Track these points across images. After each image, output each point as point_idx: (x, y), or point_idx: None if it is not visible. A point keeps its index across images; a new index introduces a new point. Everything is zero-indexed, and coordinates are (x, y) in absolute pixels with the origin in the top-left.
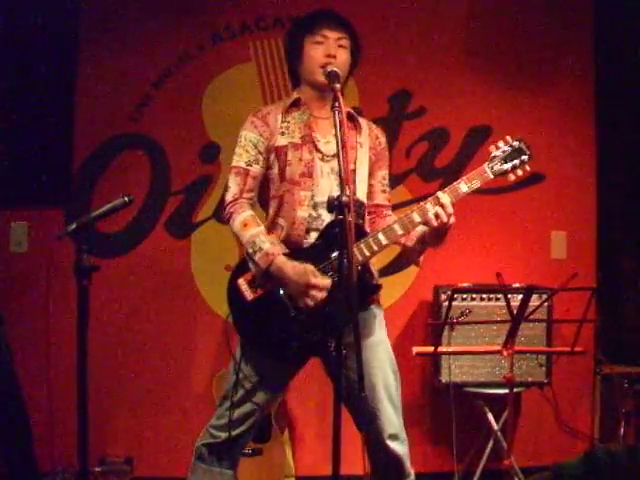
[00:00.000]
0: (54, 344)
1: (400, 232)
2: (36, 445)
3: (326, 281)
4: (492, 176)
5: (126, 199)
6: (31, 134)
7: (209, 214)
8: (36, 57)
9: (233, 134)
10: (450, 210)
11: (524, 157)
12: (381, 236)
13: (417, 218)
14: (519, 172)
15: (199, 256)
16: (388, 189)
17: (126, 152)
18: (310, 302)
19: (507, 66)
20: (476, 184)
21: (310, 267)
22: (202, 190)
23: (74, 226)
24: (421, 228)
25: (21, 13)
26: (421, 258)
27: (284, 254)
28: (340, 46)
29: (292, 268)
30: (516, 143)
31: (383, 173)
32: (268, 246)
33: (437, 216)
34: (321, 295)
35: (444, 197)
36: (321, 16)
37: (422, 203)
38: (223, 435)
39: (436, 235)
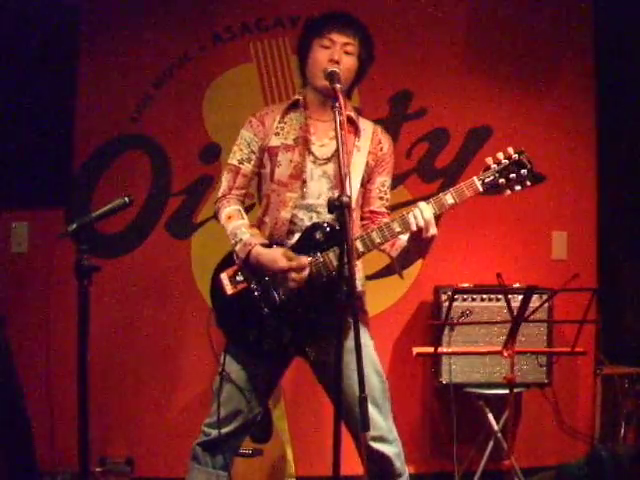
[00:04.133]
0: (54, 344)
1: (378, 240)
2: (36, 445)
3: (302, 260)
4: (482, 189)
5: (126, 199)
6: (32, 134)
7: (210, 215)
8: (37, 57)
9: (234, 135)
10: (428, 220)
11: (523, 171)
12: (358, 243)
13: (397, 227)
14: (517, 187)
15: (199, 257)
16: (387, 197)
17: (127, 152)
18: (293, 284)
19: (507, 66)
20: (464, 197)
21: (282, 250)
22: (203, 191)
23: (75, 226)
24: (406, 238)
25: (22, 13)
26: (404, 271)
27: (263, 244)
28: (346, 52)
29: (265, 255)
30: (516, 155)
31: (383, 179)
32: (247, 237)
33: (417, 226)
34: (301, 276)
35: (425, 208)
36: (332, 19)
37: (404, 212)
38: (213, 433)
39: (417, 245)
